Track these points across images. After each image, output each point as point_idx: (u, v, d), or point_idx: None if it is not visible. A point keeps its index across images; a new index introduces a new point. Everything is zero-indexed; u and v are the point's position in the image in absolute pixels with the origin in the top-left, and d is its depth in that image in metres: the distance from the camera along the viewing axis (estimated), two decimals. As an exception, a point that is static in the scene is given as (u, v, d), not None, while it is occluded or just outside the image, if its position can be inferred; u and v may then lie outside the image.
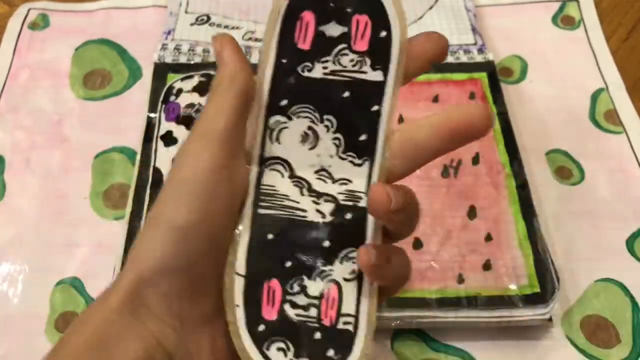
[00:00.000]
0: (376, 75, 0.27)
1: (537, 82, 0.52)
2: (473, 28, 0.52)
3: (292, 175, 0.27)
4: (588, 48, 0.54)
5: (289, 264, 0.26)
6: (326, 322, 0.26)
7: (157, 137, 0.45)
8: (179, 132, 0.45)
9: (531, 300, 0.38)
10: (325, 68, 0.27)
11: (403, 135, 0.27)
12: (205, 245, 0.25)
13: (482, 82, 0.48)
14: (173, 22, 0.52)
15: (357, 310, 0.26)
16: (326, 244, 0.27)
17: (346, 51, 0.27)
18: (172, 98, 0.47)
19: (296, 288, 0.26)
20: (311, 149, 0.27)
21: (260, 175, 0.27)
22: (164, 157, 0.44)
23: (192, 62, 0.49)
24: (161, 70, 0.49)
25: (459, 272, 0.39)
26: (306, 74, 0.27)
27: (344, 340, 0.26)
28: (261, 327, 0.26)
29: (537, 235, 0.40)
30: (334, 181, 0.27)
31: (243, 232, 0.27)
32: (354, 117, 0.27)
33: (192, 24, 0.52)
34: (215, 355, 0.26)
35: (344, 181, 0.27)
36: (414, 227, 0.28)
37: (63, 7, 0.56)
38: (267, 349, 0.25)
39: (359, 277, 0.26)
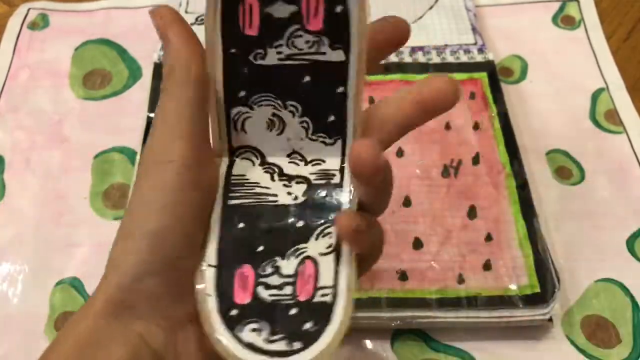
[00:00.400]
0: (337, 55, 0.25)
1: (537, 82, 0.52)
2: (473, 28, 0.52)
3: (263, 162, 0.27)
4: (588, 48, 0.54)
5: (260, 248, 0.26)
6: (302, 297, 0.25)
7: (157, 137, 0.45)
8: (179, 132, 0.45)
9: (531, 300, 0.38)
10: (279, 53, 0.25)
11: (372, 112, 0.27)
12: (182, 246, 0.25)
13: (482, 82, 0.48)
14: (173, 22, 0.52)
15: (336, 282, 0.25)
16: (300, 224, 0.26)
17: (299, 32, 0.24)
18: (172, 98, 0.47)
19: (269, 270, 0.25)
20: (279, 134, 0.26)
21: (230, 166, 0.27)
22: (163, 157, 0.44)
23: (192, 62, 0.49)
24: (161, 70, 0.49)
25: (459, 272, 0.39)
26: (259, 61, 0.25)
27: (322, 313, 0.25)
28: (233, 312, 0.25)
29: (537, 235, 0.40)
30: (307, 162, 0.27)
31: (213, 224, 0.26)
32: (318, 100, 0.26)
33: (192, 24, 0.51)
34: (203, 352, 0.26)
35: (317, 161, 0.27)
36: (388, 200, 0.28)
37: (63, 7, 0.56)
38: (241, 331, 0.24)
39: (336, 249, 0.25)
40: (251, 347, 0.24)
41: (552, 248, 0.41)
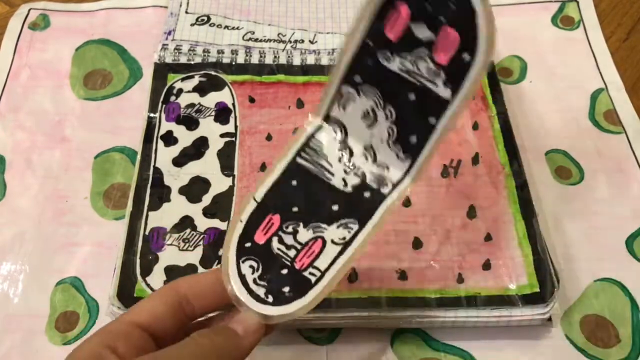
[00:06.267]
0: (445, 92, 0.27)
1: (536, 82, 0.52)
2: (473, 28, 0.52)
3: (343, 140, 0.30)
4: (587, 48, 0.54)
5: (295, 209, 0.30)
6: (297, 265, 0.29)
7: (157, 137, 0.45)
8: (179, 132, 0.45)
9: (531, 299, 0.38)
10: (402, 64, 0.27)
11: None
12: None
13: (481, 82, 0.49)
14: (173, 22, 0.53)
15: (327, 270, 0.29)
16: (335, 207, 0.30)
17: (426, 58, 0.26)
18: (173, 98, 0.47)
19: (290, 229, 0.30)
20: (368, 127, 0.29)
21: (317, 130, 0.30)
22: (164, 157, 0.44)
23: (192, 63, 0.49)
24: (161, 71, 0.49)
25: (459, 271, 0.39)
26: (384, 62, 0.28)
27: (301, 286, 0.29)
28: (247, 244, 0.30)
29: (536, 235, 0.40)
30: (374, 161, 0.30)
31: (276, 168, 0.30)
32: (412, 118, 0.28)
33: (192, 25, 0.52)
34: None
35: (383, 166, 0.30)
36: None
37: (63, 7, 0.56)
38: (243, 262, 0.30)
39: (345, 244, 0.29)
40: (242, 278, 0.29)
41: (551, 248, 0.41)
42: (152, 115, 0.46)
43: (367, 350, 0.39)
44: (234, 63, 0.50)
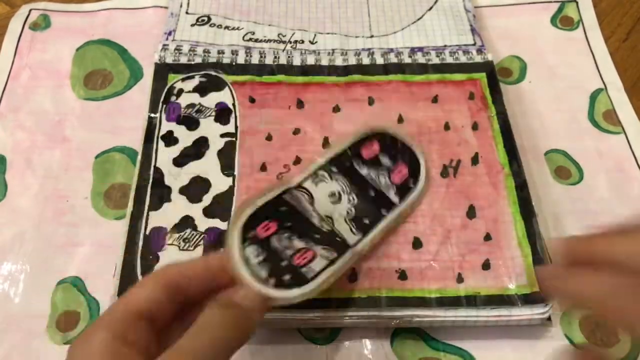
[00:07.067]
0: (394, 198, 0.40)
1: (536, 83, 0.52)
2: (472, 29, 0.52)
3: (311, 204, 0.37)
4: (587, 48, 0.54)
5: (289, 224, 0.35)
6: (295, 262, 0.33)
7: (157, 137, 0.45)
8: (180, 132, 0.46)
9: (530, 299, 0.38)
10: (368, 172, 0.40)
11: None
12: None
13: (481, 82, 0.49)
14: (174, 22, 0.53)
15: (321, 271, 0.33)
16: (317, 236, 0.35)
17: (385, 176, 0.41)
18: (173, 98, 0.47)
19: (286, 235, 0.34)
20: (332, 203, 0.39)
21: (292, 189, 0.37)
22: (164, 157, 0.44)
23: (192, 63, 0.50)
24: (162, 71, 0.49)
25: (459, 271, 0.39)
26: (356, 167, 0.40)
27: (300, 278, 0.33)
28: (251, 234, 0.33)
29: (536, 235, 0.40)
30: (331, 228, 0.37)
31: (275, 190, 0.36)
32: (368, 207, 0.39)
33: (192, 25, 0.53)
34: None
35: (336, 235, 0.37)
36: None
37: (64, 8, 0.56)
38: (248, 245, 0.32)
39: (331, 262, 0.34)
40: (246, 259, 0.32)
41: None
42: (152, 115, 0.46)
43: (367, 350, 0.39)
44: (234, 63, 0.50)
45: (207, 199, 0.42)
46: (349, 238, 0.37)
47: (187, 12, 0.54)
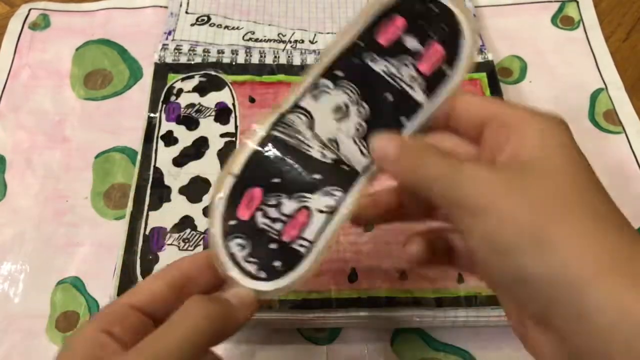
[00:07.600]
0: (420, 97, 0.29)
1: (536, 83, 0.52)
2: (473, 28, 0.52)
3: (311, 128, 0.30)
4: (587, 48, 0.54)
5: (276, 180, 0.29)
6: (285, 237, 0.29)
7: (157, 137, 0.45)
8: (180, 132, 0.46)
9: (530, 299, 0.38)
10: (386, 67, 0.29)
11: None
12: None
13: (481, 82, 0.49)
14: (174, 22, 0.53)
15: (316, 240, 0.29)
16: (316, 176, 0.30)
17: (410, 65, 0.29)
18: (173, 98, 0.47)
19: (273, 201, 0.29)
20: (337, 120, 0.30)
21: (285, 114, 0.30)
22: (164, 157, 0.44)
23: (192, 63, 0.50)
24: (162, 71, 0.49)
25: (459, 271, 0.39)
26: (369, 62, 0.30)
27: (292, 259, 0.29)
28: (232, 222, 0.29)
29: (536, 235, 0.40)
30: (335, 155, 0.30)
31: (251, 143, 0.30)
32: (383, 117, 0.30)
33: (192, 25, 0.52)
34: None
35: (342, 162, 0.30)
36: None
37: (64, 7, 0.56)
38: (230, 240, 0.29)
39: (331, 212, 0.29)
40: (232, 257, 0.29)
41: (551, 248, 0.41)
42: (152, 115, 0.46)
43: (367, 350, 0.39)
44: (234, 63, 0.50)
45: (206, 199, 0.42)
46: (358, 163, 0.30)
47: (186, 12, 0.54)
